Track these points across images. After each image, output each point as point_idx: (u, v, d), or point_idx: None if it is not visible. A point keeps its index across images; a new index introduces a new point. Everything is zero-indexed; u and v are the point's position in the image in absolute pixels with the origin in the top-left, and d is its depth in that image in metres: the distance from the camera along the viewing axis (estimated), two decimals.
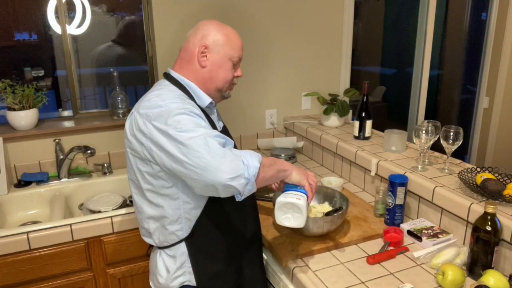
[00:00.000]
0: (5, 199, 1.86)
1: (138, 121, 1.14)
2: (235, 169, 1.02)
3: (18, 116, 1.93)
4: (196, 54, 1.25)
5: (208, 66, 1.25)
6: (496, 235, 1.19)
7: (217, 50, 1.25)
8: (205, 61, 1.25)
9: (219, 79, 1.28)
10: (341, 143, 1.98)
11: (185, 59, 1.27)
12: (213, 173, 1.01)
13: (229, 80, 1.30)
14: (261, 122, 2.43)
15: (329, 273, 1.27)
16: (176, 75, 1.27)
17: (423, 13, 2.86)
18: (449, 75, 3.41)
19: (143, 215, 1.27)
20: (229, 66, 1.28)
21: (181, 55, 1.29)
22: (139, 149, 1.15)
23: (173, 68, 1.30)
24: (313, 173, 1.33)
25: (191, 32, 1.29)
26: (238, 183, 1.03)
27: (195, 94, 1.26)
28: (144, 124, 1.12)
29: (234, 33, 1.30)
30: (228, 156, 1.03)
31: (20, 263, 1.54)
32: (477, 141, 3.32)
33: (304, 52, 2.41)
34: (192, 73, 1.27)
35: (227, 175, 1.01)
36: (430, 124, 1.58)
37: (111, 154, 2.12)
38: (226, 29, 1.28)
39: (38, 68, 2.19)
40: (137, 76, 2.35)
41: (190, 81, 1.26)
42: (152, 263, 1.35)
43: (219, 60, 1.26)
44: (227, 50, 1.26)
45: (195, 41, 1.25)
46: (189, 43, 1.27)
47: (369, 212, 1.64)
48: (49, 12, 2.05)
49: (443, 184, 1.47)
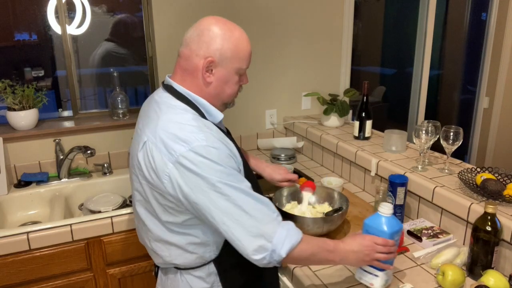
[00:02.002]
0: (5, 199, 1.86)
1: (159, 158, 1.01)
2: (260, 250, 1.00)
3: (18, 116, 1.93)
4: (200, 69, 1.09)
5: (213, 82, 1.11)
6: (496, 235, 1.19)
7: (224, 64, 1.10)
8: (210, 77, 1.11)
9: (225, 95, 1.15)
10: (341, 143, 1.98)
11: (188, 71, 1.12)
12: (239, 246, 1.01)
13: (235, 93, 1.18)
14: (261, 122, 2.43)
15: (329, 273, 1.27)
16: (181, 89, 1.12)
17: (423, 13, 2.86)
18: (449, 75, 3.41)
19: (161, 242, 1.15)
20: (236, 80, 1.15)
21: (182, 64, 1.13)
22: (161, 187, 1.04)
23: (174, 79, 1.15)
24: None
25: (192, 35, 1.11)
26: (259, 262, 1.02)
27: (206, 111, 1.13)
28: (166, 163, 1.00)
29: (243, 38, 1.13)
30: (258, 236, 1.00)
31: (20, 263, 1.54)
32: (477, 141, 3.32)
33: (304, 52, 2.41)
34: (197, 88, 1.12)
35: (251, 255, 1.01)
36: (430, 124, 1.58)
37: (111, 154, 2.12)
38: (235, 34, 1.10)
39: (38, 68, 2.19)
40: (137, 76, 2.35)
41: (197, 95, 1.12)
42: (168, 283, 1.24)
43: (225, 75, 1.12)
44: (235, 64, 1.11)
45: (199, 52, 1.08)
46: (191, 52, 1.10)
47: (369, 212, 1.64)
48: (49, 12, 2.05)
49: (443, 184, 1.47)
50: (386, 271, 1.15)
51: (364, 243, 1.11)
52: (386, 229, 1.10)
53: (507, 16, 2.99)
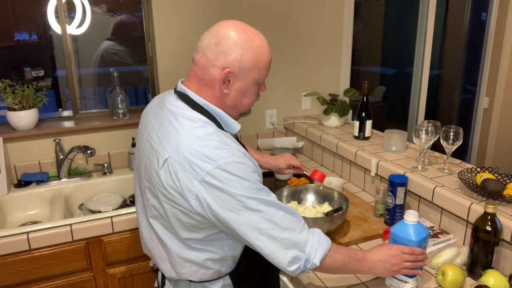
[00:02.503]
0: (5, 199, 1.86)
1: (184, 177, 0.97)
2: (294, 261, 1.01)
3: (18, 116, 1.93)
4: (218, 80, 1.03)
5: (231, 93, 1.06)
6: (496, 235, 1.19)
7: (243, 75, 1.04)
8: (228, 88, 1.05)
9: (243, 106, 1.11)
10: (341, 143, 1.98)
11: (204, 81, 1.05)
12: (274, 260, 1.01)
13: (253, 103, 1.13)
14: (261, 122, 2.43)
15: (329, 274, 1.27)
16: (198, 100, 1.06)
17: (423, 13, 2.86)
18: (449, 75, 3.41)
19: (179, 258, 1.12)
20: (254, 90, 1.10)
21: (198, 73, 1.06)
22: (186, 206, 1.00)
23: (189, 87, 1.08)
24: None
25: (210, 43, 1.03)
26: (293, 272, 1.02)
27: (223, 122, 1.08)
28: (192, 182, 0.96)
29: (264, 46, 1.06)
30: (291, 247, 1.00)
31: (20, 263, 1.54)
32: (477, 141, 3.32)
33: (304, 52, 2.41)
34: (214, 99, 1.07)
35: (286, 267, 1.01)
36: (430, 124, 1.58)
37: (111, 154, 2.12)
38: (256, 43, 1.03)
39: (38, 68, 2.19)
40: (137, 76, 2.35)
41: (215, 106, 1.07)
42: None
43: (244, 86, 1.06)
44: (254, 74, 1.05)
45: (216, 62, 1.02)
46: (208, 62, 1.03)
47: (369, 212, 1.64)
48: (49, 12, 2.05)
49: (443, 184, 1.47)
50: (416, 277, 1.15)
51: (391, 253, 1.11)
52: (414, 238, 1.10)
53: (507, 16, 2.99)
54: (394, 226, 1.17)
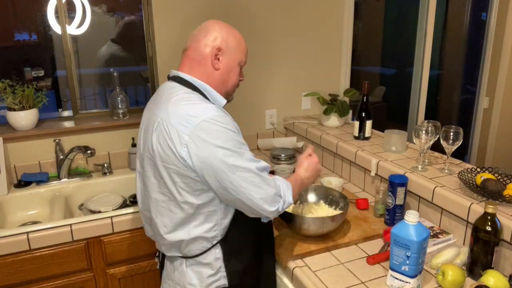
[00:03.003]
0: (5, 199, 1.86)
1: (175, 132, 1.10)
2: (275, 204, 1.17)
3: (18, 116, 1.93)
4: (210, 56, 1.22)
5: (221, 68, 1.24)
6: (496, 235, 1.19)
7: (229, 53, 1.24)
8: (218, 64, 1.23)
9: (229, 82, 1.28)
10: (341, 143, 1.98)
11: (196, 60, 1.23)
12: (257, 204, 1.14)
13: (236, 84, 1.31)
14: (261, 122, 2.43)
15: (329, 273, 1.27)
16: (188, 77, 1.22)
17: (423, 13, 2.85)
18: (449, 75, 3.41)
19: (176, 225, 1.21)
20: (238, 71, 1.29)
21: (190, 54, 1.24)
22: (177, 163, 1.11)
23: (181, 70, 1.25)
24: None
25: (199, 32, 1.24)
26: (273, 214, 1.19)
27: (210, 96, 1.23)
28: (182, 136, 1.09)
29: (242, 37, 1.30)
30: (270, 192, 1.15)
31: (20, 263, 1.54)
32: (477, 141, 3.32)
33: (304, 52, 2.41)
34: (204, 75, 1.23)
35: (269, 209, 1.16)
36: (430, 124, 1.58)
37: (111, 154, 2.12)
38: (236, 33, 1.28)
39: (38, 68, 2.19)
40: (137, 76, 2.35)
41: (203, 82, 1.23)
42: (175, 274, 1.28)
43: (230, 64, 1.25)
44: (238, 54, 1.26)
45: (207, 42, 1.22)
46: (199, 43, 1.23)
47: (369, 212, 1.64)
48: (49, 12, 2.05)
49: (443, 184, 1.47)
50: (417, 277, 1.16)
51: (310, 162, 1.39)
52: (415, 238, 1.12)
53: (507, 16, 2.99)
54: (395, 227, 1.17)
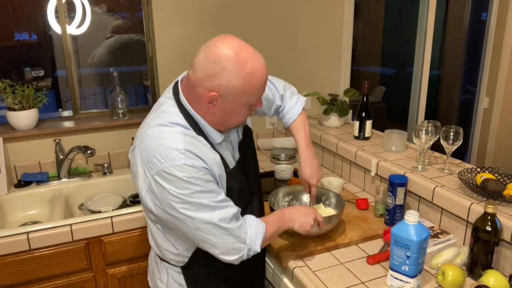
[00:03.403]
0: (5, 199, 1.86)
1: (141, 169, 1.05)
2: (235, 253, 1.09)
3: (18, 116, 1.93)
4: (204, 100, 1.03)
5: (217, 113, 1.06)
6: (496, 235, 1.19)
7: (230, 98, 1.02)
8: (214, 108, 1.05)
9: (231, 123, 1.12)
10: (341, 143, 1.98)
11: (193, 95, 1.06)
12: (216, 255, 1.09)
13: (244, 120, 1.14)
14: (261, 122, 2.43)
15: (329, 273, 1.27)
16: (186, 104, 1.08)
17: (423, 13, 2.85)
18: (449, 75, 3.41)
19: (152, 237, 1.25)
20: (245, 111, 1.09)
21: (189, 87, 1.06)
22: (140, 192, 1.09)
23: (182, 90, 1.09)
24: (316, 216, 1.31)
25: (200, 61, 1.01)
26: (235, 262, 1.11)
27: (205, 131, 1.10)
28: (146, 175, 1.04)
29: (256, 71, 1.01)
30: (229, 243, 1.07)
31: (20, 263, 1.54)
32: (477, 141, 3.32)
33: (304, 52, 2.41)
34: (201, 112, 1.08)
35: (228, 259, 1.09)
36: (430, 124, 1.58)
37: (111, 154, 2.12)
38: (246, 69, 0.99)
39: (38, 68, 2.19)
40: (137, 76, 2.35)
41: (200, 116, 1.08)
42: (154, 266, 1.33)
43: (230, 108, 1.05)
44: (243, 98, 1.04)
45: (203, 83, 1.01)
46: (197, 81, 1.02)
47: (369, 212, 1.64)
48: (49, 12, 2.05)
49: (443, 184, 1.47)
50: (417, 277, 1.16)
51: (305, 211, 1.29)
52: (415, 238, 1.11)
53: (507, 16, 2.99)
54: (395, 226, 1.17)
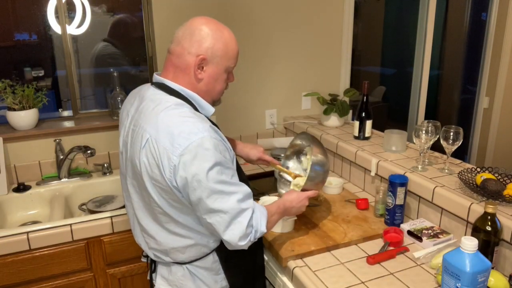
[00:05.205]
0: (5, 199, 1.86)
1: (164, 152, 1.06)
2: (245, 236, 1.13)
3: (18, 116, 1.93)
4: (192, 66, 1.14)
5: (204, 79, 1.17)
6: (496, 235, 1.19)
7: (215, 61, 1.16)
8: (202, 74, 1.16)
9: (215, 91, 1.22)
10: (341, 143, 1.98)
11: (180, 68, 1.16)
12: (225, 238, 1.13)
13: (223, 90, 1.26)
14: (261, 122, 2.43)
15: (329, 273, 1.27)
16: (174, 86, 1.17)
17: (423, 13, 2.85)
18: (449, 75, 3.41)
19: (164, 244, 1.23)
20: (224, 77, 1.22)
21: (174, 61, 1.16)
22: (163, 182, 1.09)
23: (166, 76, 1.19)
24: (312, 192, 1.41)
25: (184, 34, 1.15)
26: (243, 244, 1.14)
27: (198, 105, 1.19)
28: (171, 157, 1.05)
29: (232, 38, 1.19)
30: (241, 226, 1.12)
31: (20, 263, 1.54)
32: (477, 141, 3.32)
33: (304, 52, 2.41)
34: (190, 84, 1.17)
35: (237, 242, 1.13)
36: (430, 124, 1.58)
37: (111, 154, 2.12)
38: (224, 35, 1.16)
39: (38, 68, 2.19)
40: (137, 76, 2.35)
41: (190, 91, 1.17)
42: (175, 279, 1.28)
43: (216, 72, 1.18)
44: (224, 61, 1.18)
45: (191, 49, 1.13)
46: (183, 50, 1.14)
47: (369, 212, 1.64)
48: (49, 12, 2.05)
49: (443, 184, 1.47)
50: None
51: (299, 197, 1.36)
52: (468, 269, 0.98)
53: (507, 16, 2.99)
54: (448, 253, 1.04)
